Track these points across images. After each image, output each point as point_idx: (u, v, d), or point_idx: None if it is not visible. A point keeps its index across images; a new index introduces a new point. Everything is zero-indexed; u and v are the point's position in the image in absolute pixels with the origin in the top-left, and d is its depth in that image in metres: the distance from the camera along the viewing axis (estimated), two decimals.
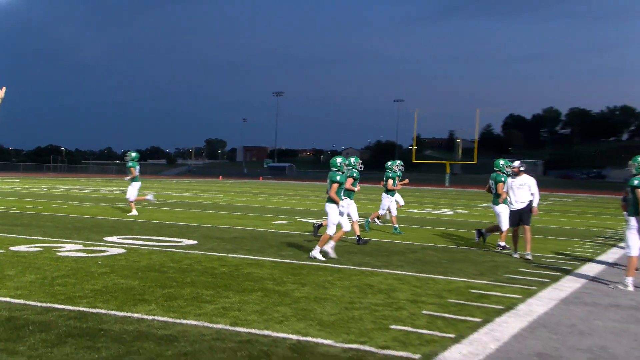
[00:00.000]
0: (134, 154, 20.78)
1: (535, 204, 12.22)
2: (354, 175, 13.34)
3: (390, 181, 15.91)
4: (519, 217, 12.17)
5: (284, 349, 5.51)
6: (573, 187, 79.84)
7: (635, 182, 9.20)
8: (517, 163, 12.58)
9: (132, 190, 19.82)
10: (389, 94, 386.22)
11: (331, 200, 11.02)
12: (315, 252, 10.94)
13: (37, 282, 8.20)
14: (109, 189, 39.63)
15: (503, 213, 13.08)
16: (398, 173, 16.21)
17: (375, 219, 17.10)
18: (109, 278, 8.56)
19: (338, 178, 11.04)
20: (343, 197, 11.30)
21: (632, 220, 9.26)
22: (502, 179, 13.12)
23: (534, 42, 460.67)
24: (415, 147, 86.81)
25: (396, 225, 16.03)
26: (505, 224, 13.08)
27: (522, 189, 12.15)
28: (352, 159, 12.62)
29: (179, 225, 16.48)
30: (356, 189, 13.54)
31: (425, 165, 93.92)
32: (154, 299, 7.34)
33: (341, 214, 11.12)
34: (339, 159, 11.51)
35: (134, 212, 19.45)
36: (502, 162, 13.48)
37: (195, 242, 12.79)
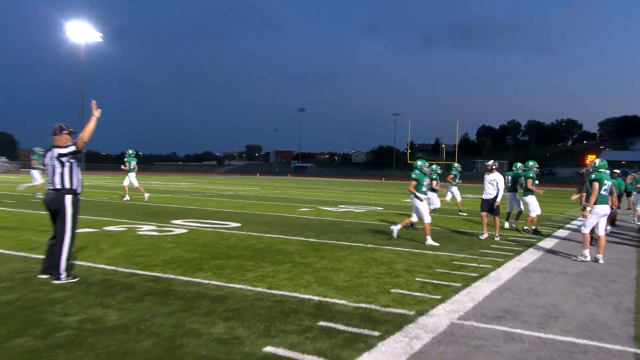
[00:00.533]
0: (131, 151, 20.49)
1: (498, 199, 11.87)
2: (434, 177, 13.52)
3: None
4: (489, 207, 11.85)
5: (309, 307, 5.57)
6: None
7: (592, 176, 9.32)
8: (490, 162, 12.25)
9: (131, 179, 19.77)
10: (388, 108, 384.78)
11: (416, 195, 10.69)
12: (429, 241, 10.39)
13: (123, 253, 8.34)
14: (174, 183, 39.88)
15: (532, 202, 13.04)
16: (435, 175, 14.52)
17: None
18: (175, 251, 8.66)
19: (414, 176, 10.71)
20: (425, 191, 10.89)
21: (597, 208, 9.28)
22: (531, 174, 13.15)
23: (498, 67, 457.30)
24: (409, 151, 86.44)
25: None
26: (535, 211, 13.04)
27: (492, 184, 11.86)
28: (434, 166, 11.68)
29: (226, 211, 16.56)
30: (438, 187, 14.00)
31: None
32: (209, 268, 7.42)
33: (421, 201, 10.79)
34: (419, 162, 11.10)
35: (127, 197, 19.60)
36: (531, 162, 13.41)
37: (239, 224, 12.85)
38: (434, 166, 14.33)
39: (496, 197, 11.80)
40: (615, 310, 6.03)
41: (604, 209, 9.27)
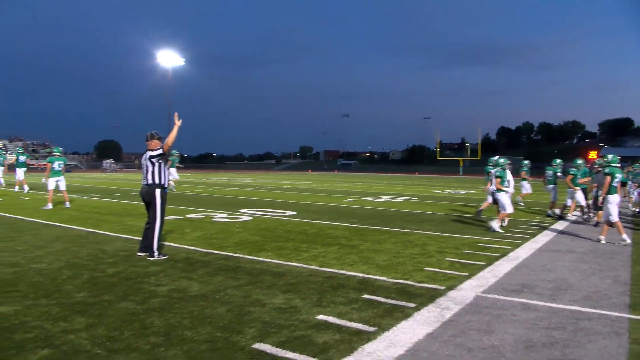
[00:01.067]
0: (173, 150, 21.32)
1: (510, 190, 11.31)
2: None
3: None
4: (494, 198, 10.98)
5: (354, 282, 5.57)
6: (542, 175, 75.88)
7: (606, 170, 9.05)
8: (495, 158, 11.52)
9: (173, 173, 21.03)
10: (419, 113, 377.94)
11: (499, 189, 10.19)
12: (495, 225, 9.93)
13: (201, 236, 8.54)
14: (241, 179, 40.54)
15: (578, 194, 12.33)
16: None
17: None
18: (242, 235, 8.80)
19: (498, 174, 10.25)
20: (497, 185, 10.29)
21: (610, 197, 8.93)
22: (572, 171, 12.41)
23: (513, 80, 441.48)
24: (438, 149, 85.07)
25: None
26: (580, 201, 12.32)
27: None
28: (502, 160, 10.97)
29: (284, 202, 16.70)
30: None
31: (445, 161, 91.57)
32: (270, 249, 7.51)
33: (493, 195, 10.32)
34: (502, 160, 10.61)
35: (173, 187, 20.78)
36: (579, 161, 12.60)
37: (294, 212, 12.94)
38: (501, 160, 12.16)
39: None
40: (614, 282, 5.85)
41: (616, 198, 8.94)
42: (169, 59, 59.02)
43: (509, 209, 10.09)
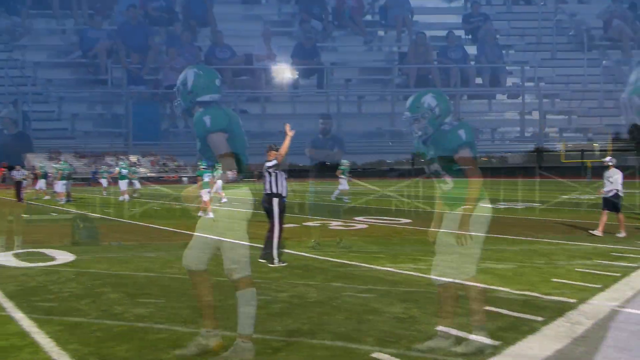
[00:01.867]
0: (344, 160, 21.50)
1: (618, 193, 9.43)
2: None
3: None
4: (609, 204, 9.54)
5: (474, 293, 5.30)
6: None
7: None
8: (607, 159, 10.04)
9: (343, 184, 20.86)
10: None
11: None
12: None
13: (322, 244, 8.58)
14: (354, 187, 40.83)
15: None
16: None
17: None
18: (357, 243, 8.81)
19: None
20: None
21: None
22: None
23: None
24: (563, 151, 78.34)
25: None
26: None
27: (609, 181, 9.61)
28: None
29: (398, 209, 16.41)
30: None
31: (571, 163, 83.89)
32: (385, 257, 7.42)
33: None
34: None
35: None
36: None
37: (409, 220, 12.67)
38: None
39: (617, 194, 9.48)
40: None
41: None
42: (282, 72, 62.31)
43: None
